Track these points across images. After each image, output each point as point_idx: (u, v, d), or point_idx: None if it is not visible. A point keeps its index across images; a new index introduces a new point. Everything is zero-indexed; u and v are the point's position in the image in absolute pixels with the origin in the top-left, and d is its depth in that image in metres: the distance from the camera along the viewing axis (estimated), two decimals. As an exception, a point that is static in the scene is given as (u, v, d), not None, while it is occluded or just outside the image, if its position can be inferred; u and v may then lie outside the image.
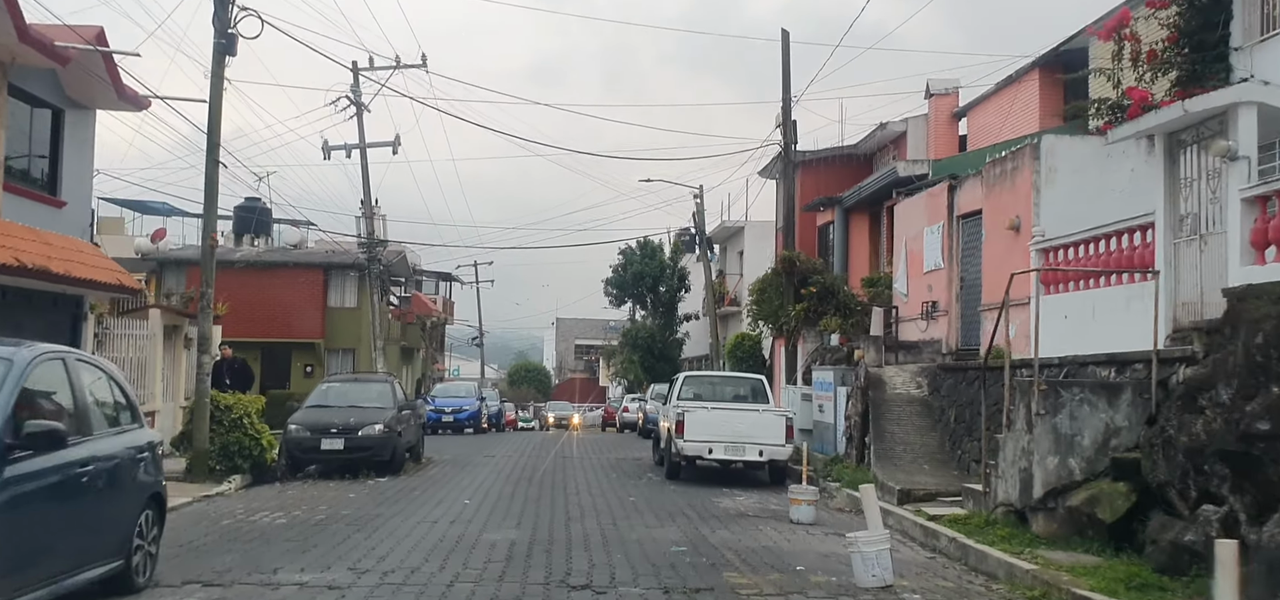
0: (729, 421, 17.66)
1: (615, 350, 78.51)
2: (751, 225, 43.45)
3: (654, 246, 47.40)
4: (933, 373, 17.30)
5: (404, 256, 42.59)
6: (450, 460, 22.01)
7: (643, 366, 47.02)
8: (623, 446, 29.13)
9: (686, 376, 20.42)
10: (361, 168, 33.57)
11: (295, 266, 38.76)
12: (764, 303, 25.12)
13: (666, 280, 46.99)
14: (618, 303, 48.15)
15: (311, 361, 38.94)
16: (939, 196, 20.34)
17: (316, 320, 38.54)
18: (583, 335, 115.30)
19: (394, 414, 18.84)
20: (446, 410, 35.33)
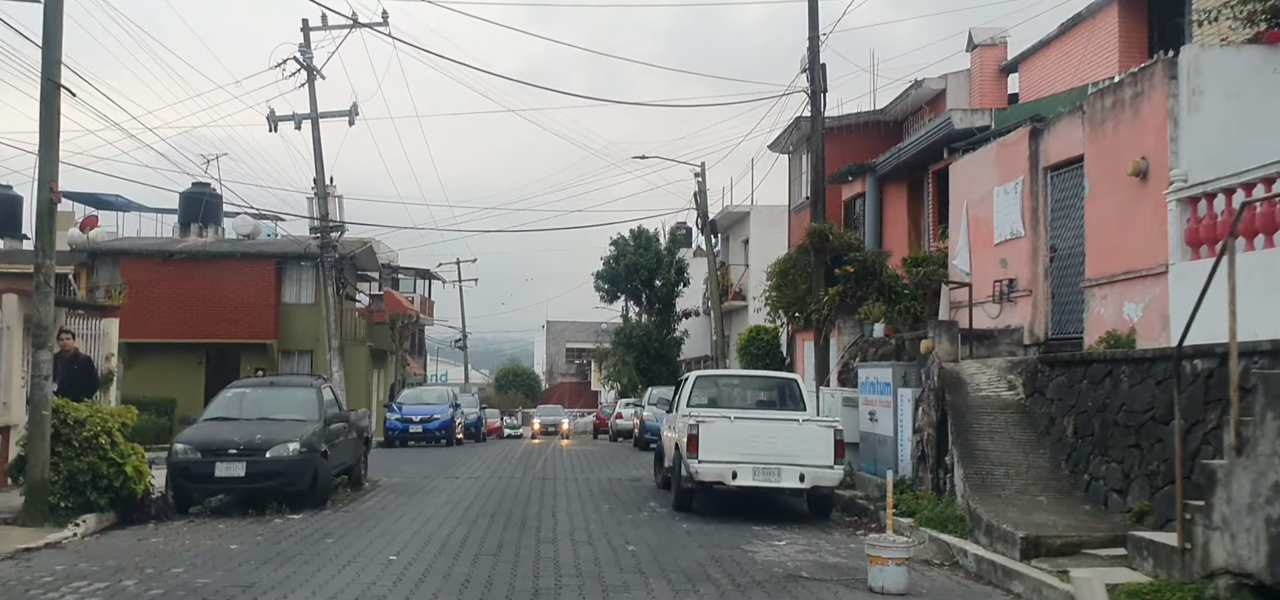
0: (758, 435, 13.31)
1: (607, 352, 74.20)
2: (758, 211, 39.15)
3: (649, 236, 43.05)
4: (1030, 369, 12.96)
5: (371, 248, 38.17)
6: (400, 484, 17.61)
7: (638, 368, 42.67)
8: (617, 461, 24.75)
9: (698, 377, 16.04)
10: (313, 140, 29.19)
11: (244, 258, 34.31)
12: (786, 288, 20.78)
13: (663, 273, 42.63)
14: (609, 298, 43.75)
15: (263, 364, 34.44)
16: (1016, 146, 16.02)
17: (268, 318, 34.10)
18: (574, 338, 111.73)
19: (318, 428, 14.45)
20: (414, 420, 30.88)
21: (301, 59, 28.69)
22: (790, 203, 31.70)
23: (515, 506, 14.53)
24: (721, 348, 31.85)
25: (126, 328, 34.72)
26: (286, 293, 34.83)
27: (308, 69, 28.84)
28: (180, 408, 32.16)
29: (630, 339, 42.04)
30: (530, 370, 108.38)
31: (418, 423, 30.92)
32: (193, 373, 34.02)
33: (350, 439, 16.38)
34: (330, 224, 29.28)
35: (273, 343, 34.03)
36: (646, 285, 42.70)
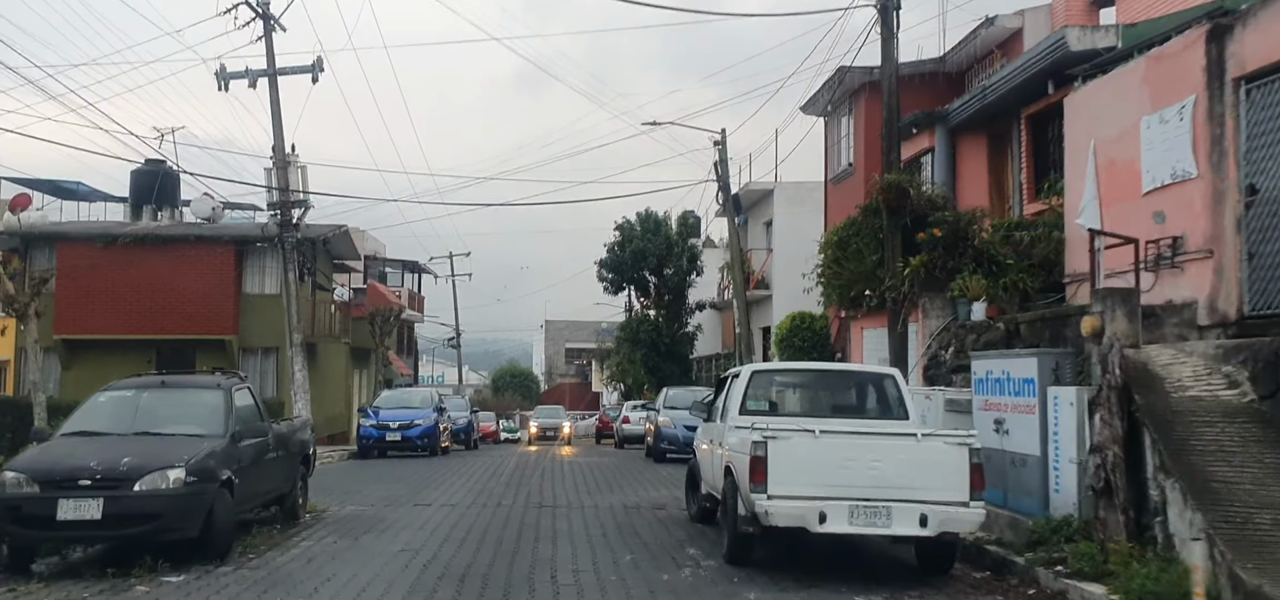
0: (856, 458, 9.02)
1: (610, 351, 69.87)
2: (783, 188, 34.86)
3: (657, 219, 38.74)
4: (1265, 357, 8.71)
5: (348, 233, 33.88)
6: (351, 518, 13.36)
7: (645, 366, 38.40)
8: (630, 476, 20.50)
9: (755, 372, 11.65)
10: (271, 100, 24.93)
11: (199, 242, 30.01)
12: (846, 262, 16.50)
13: (674, 260, 38.32)
14: (614, 288, 39.45)
15: (221, 364, 30.08)
16: (1183, 56, 11.76)
17: (227, 311, 29.83)
18: (574, 338, 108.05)
19: (218, 448, 10.23)
20: (391, 426, 26.61)
21: (255, 5, 24.44)
22: (828, 173, 27.44)
23: (498, 557, 10.27)
24: (746, 342, 27.65)
25: (64, 322, 30.76)
26: (248, 282, 30.55)
27: (263, 16, 24.59)
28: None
29: (637, 334, 37.78)
30: (528, 371, 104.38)
31: (396, 429, 26.67)
32: (140, 373, 29.69)
33: (279, 459, 12.14)
34: (291, 197, 25.02)
35: (232, 339, 29.77)
36: (655, 274, 38.40)
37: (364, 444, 26.71)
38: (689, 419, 24.22)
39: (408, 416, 27.01)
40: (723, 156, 27.48)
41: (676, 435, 23.64)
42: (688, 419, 24.10)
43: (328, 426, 34.76)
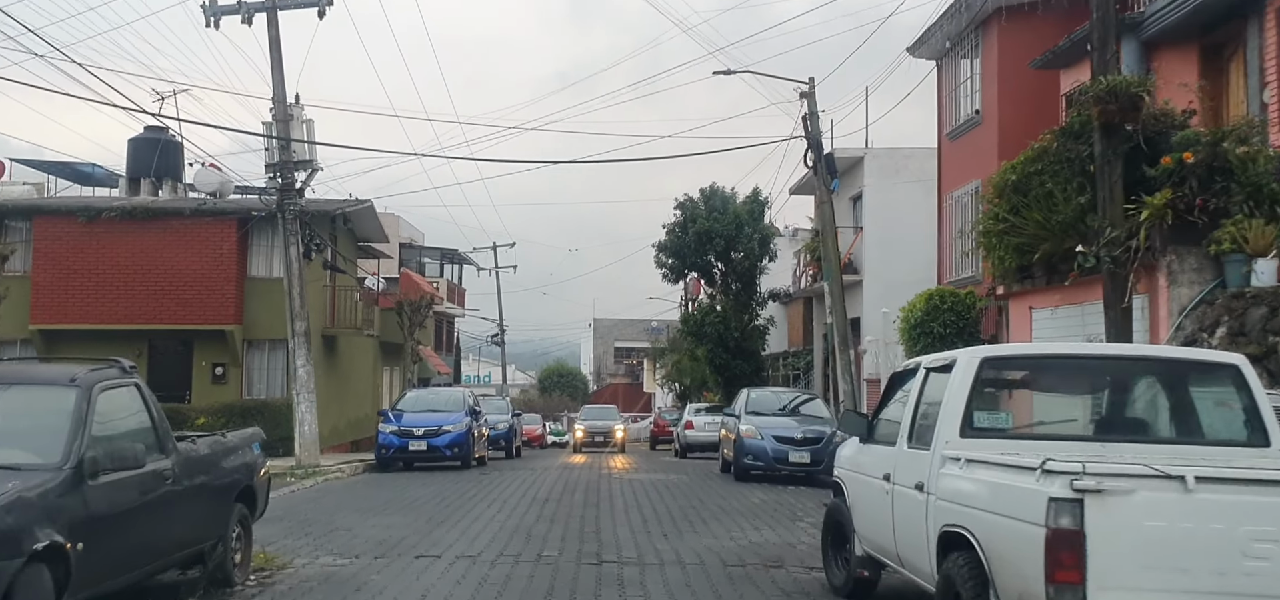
0: (1248, 529, 4.30)
1: (665, 349, 65.09)
2: (876, 156, 30.07)
3: (724, 196, 33.99)
4: None
5: (372, 211, 29.61)
6: (314, 582, 8.85)
7: (711, 364, 33.68)
8: (712, 503, 15.83)
9: (986, 358, 6.62)
10: (269, 40, 20.65)
11: (196, 218, 25.84)
12: (1030, 210, 11.66)
13: (744, 242, 33.53)
14: (674, 275, 34.77)
15: (222, 359, 26.05)
16: None
17: (229, 297, 25.64)
18: (623, 336, 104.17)
19: (38, 490, 5.77)
20: (416, 432, 22.20)
21: (249, -79, 20.17)
22: (943, 127, 22.59)
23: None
24: (842, 333, 22.88)
25: (42, 310, 26.61)
26: (254, 264, 26.35)
27: (260, -62, 20.31)
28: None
29: (702, 327, 33.05)
30: (576, 371, 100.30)
31: (420, 437, 22.24)
32: (130, 370, 25.68)
33: (191, 498, 7.66)
34: (293, 158, 20.73)
35: (234, 329, 25.57)
36: (721, 259, 33.64)
37: (383, 455, 22.34)
38: (780, 428, 19.54)
39: (435, 421, 22.57)
40: (812, 109, 22.75)
41: (764, 449, 18.97)
42: (779, 427, 19.40)
43: (351, 431, 30.52)
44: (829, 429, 19.38)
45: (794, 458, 18.81)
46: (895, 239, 29.44)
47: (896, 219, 29.53)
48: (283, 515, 13.68)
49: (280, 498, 16.04)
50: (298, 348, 20.93)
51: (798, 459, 18.81)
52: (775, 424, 19.51)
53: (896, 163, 29.98)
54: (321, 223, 27.26)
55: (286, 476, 19.76)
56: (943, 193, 22.76)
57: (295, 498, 16.25)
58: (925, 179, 29.97)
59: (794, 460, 18.81)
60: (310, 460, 20.66)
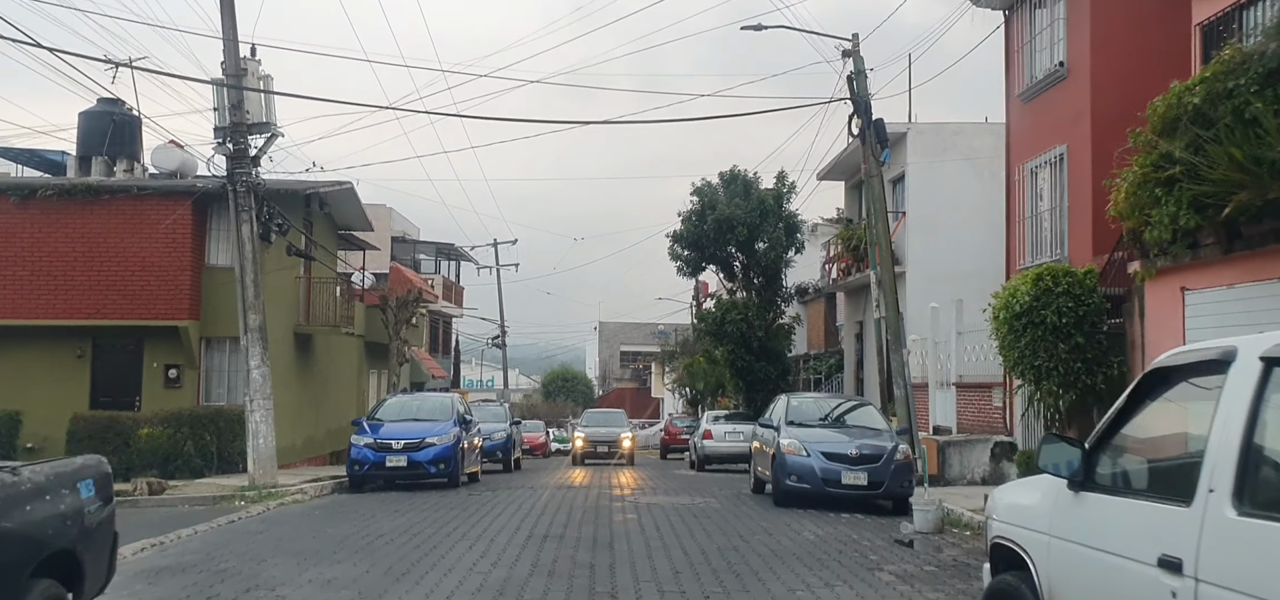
0: None
1: (675, 352, 61.82)
2: (920, 132, 26.73)
3: (747, 180, 30.64)
4: None
5: (354, 193, 26.27)
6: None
7: (732, 367, 30.30)
8: (757, 540, 12.46)
9: None
10: (217, -20, 17.34)
11: (142, 197, 22.57)
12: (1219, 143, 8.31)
13: (768, 231, 30.16)
14: (691, 268, 31.39)
15: (176, 359, 22.74)
16: None
17: (184, 289, 22.34)
18: (629, 340, 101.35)
19: None
20: (393, 446, 18.89)
21: None
22: (1011, 88, 19.22)
23: None
24: (896, 329, 19.51)
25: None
26: (214, 251, 23.06)
27: None
28: (34, 423, 20.63)
29: (722, 326, 29.65)
30: (582, 375, 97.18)
31: (399, 450, 18.93)
32: (70, 371, 22.43)
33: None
34: (246, 120, 17.44)
35: (190, 325, 22.26)
36: (743, 250, 30.27)
37: (356, 472, 19.03)
38: (829, 442, 16.11)
39: (418, 433, 19.25)
40: (858, 67, 19.43)
41: (811, 468, 15.59)
42: (827, 442, 15.99)
43: (331, 441, 27.22)
44: (888, 443, 16.02)
45: (848, 479, 15.44)
46: (942, 225, 26.13)
47: (944, 203, 26.24)
48: (197, 562, 10.37)
49: (212, 533, 12.75)
50: (251, 346, 17.64)
51: (852, 480, 15.45)
52: (823, 438, 16.15)
53: (943, 139, 26.68)
54: (292, 206, 23.98)
55: (234, 500, 16.47)
56: (1012, 164, 19.42)
57: (230, 531, 12.93)
58: (976, 157, 26.70)
59: (848, 482, 15.45)
60: (266, 479, 17.37)
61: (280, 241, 21.27)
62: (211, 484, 18.22)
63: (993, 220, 26.35)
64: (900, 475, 15.65)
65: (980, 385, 21.25)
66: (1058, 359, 11.37)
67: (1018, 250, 18.90)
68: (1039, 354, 11.53)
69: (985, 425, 20.81)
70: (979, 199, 26.45)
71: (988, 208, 26.40)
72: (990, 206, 26.40)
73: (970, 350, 22.19)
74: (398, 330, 28.36)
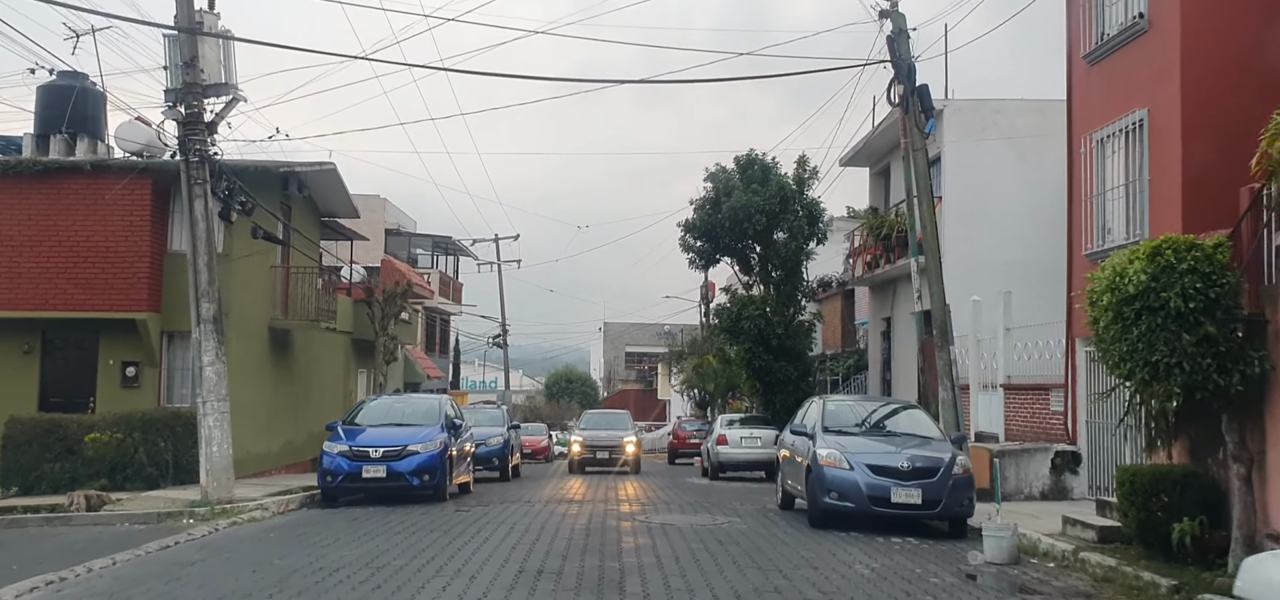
0: None
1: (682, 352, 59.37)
2: (957, 108, 24.43)
3: (765, 165, 28.31)
4: None
5: (336, 175, 23.99)
6: None
7: (749, 366, 27.97)
8: (798, 568, 10.17)
9: None
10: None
11: (98, 175, 20.31)
12: None
13: (789, 219, 27.83)
14: (704, 260, 29.04)
15: (135, 356, 20.46)
16: None
17: (142, 278, 20.06)
18: (635, 341, 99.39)
19: None
20: (371, 455, 16.60)
21: None
22: (1075, 49, 16.87)
23: None
24: (942, 323, 17.22)
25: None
26: (178, 236, 20.75)
27: None
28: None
29: (738, 322, 27.28)
30: (586, 376, 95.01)
31: (378, 460, 16.64)
32: (16, 368, 20.18)
33: None
34: (201, 81, 15.17)
35: (149, 318, 19.96)
36: (761, 239, 27.92)
37: (328, 484, 16.75)
38: (875, 453, 13.68)
39: (399, 439, 16.95)
40: (899, 26, 17.14)
41: (855, 484, 13.25)
42: (872, 452, 13.60)
43: (313, 447, 24.74)
44: (944, 454, 13.69)
45: (898, 497, 13.11)
46: (982, 211, 23.80)
47: (984, 187, 23.91)
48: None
49: (132, 565, 10.49)
50: (204, 339, 15.35)
51: (904, 498, 13.11)
52: (867, 448, 13.81)
53: (982, 118, 24.35)
54: (266, 187, 21.73)
55: (181, 517, 14.21)
56: (1075, 136, 17.06)
57: (156, 562, 10.64)
58: (1019, 136, 24.38)
59: (898, 500, 13.11)
60: (220, 493, 15.09)
61: (245, 223, 18.95)
62: (161, 498, 15.93)
63: (1037, 206, 24.02)
64: (959, 492, 13.33)
65: (1034, 387, 18.92)
66: (1181, 353, 9.02)
67: (1083, 233, 16.54)
68: (1157, 347, 9.17)
69: (1040, 432, 18.48)
70: (1022, 183, 24.13)
71: (1031, 192, 24.08)
72: (1034, 191, 24.09)
73: (1020, 347, 19.90)
74: (385, 325, 26.03)
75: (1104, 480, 16.27)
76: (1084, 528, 12.05)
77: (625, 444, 27.56)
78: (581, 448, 27.69)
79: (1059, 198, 24.12)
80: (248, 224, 19.17)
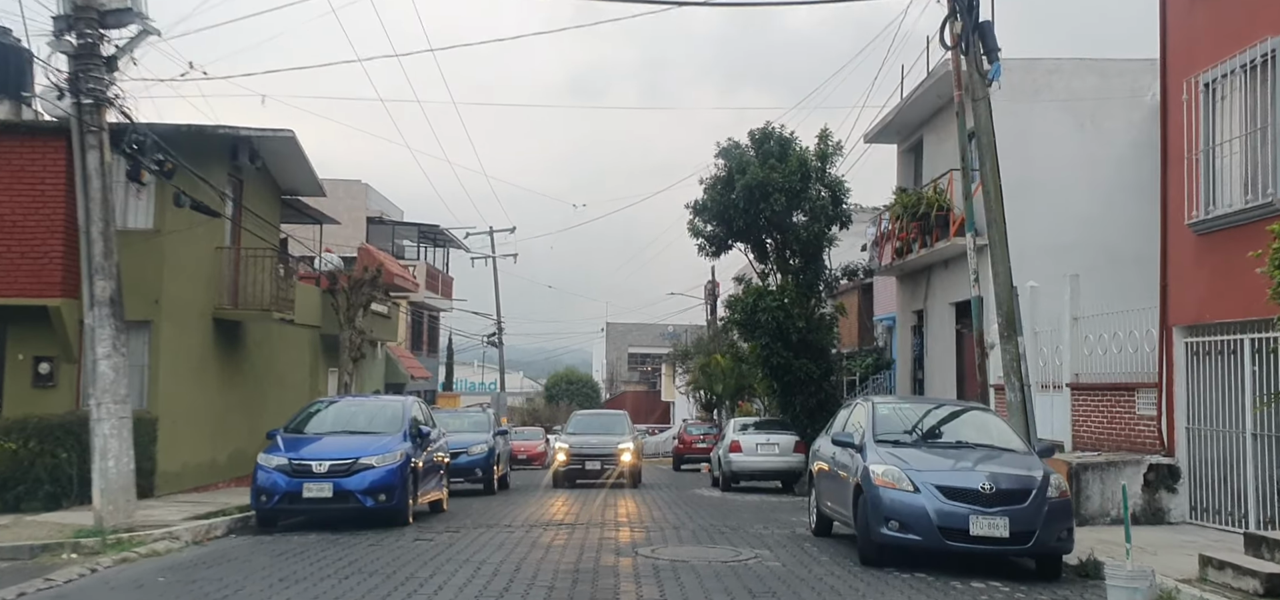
0: None
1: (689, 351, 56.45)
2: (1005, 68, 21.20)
3: (783, 139, 25.25)
4: None
5: (295, 143, 20.97)
6: None
7: (766, 365, 24.92)
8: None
9: None
10: None
11: (2, 138, 17.30)
12: None
13: (809, 199, 24.76)
14: (715, 247, 25.93)
15: (49, 349, 17.44)
16: None
17: (55, 257, 17.02)
18: (637, 341, 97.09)
19: None
20: (315, 470, 13.60)
21: None
22: None
23: None
24: (1009, 310, 14.20)
25: None
26: (102, 210, 17.65)
27: None
28: None
29: (754, 314, 24.21)
30: (588, 378, 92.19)
31: (323, 476, 13.64)
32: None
33: None
34: (98, 5, 12.16)
35: (61, 305, 16.92)
36: (779, 223, 24.87)
37: (263, 505, 13.74)
38: (946, 472, 10.16)
39: (349, 451, 13.93)
40: (957, -49, 14.14)
41: (922, 510, 10.19)
42: (942, 471, 10.28)
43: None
44: (1036, 472, 10.64)
45: (980, 529, 10.06)
46: (1034, 186, 20.74)
47: (1036, 160, 20.86)
48: None
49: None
50: (99, 326, 12.37)
51: (987, 530, 10.07)
52: (933, 463, 10.76)
53: (1034, 80, 21.32)
54: (212, 156, 18.79)
55: (63, 550, 11.23)
56: (1173, 81, 14.03)
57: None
58: (1076, 101, 21.38)
59: (979, 532, 10.07)
60: (118, 518, 12.08)
61: (156, 183, 15.94)
62: (47, 524, 12.93)
63: (1099, 181, 21.05)
64: (1056, 522, 10.28)
65: (1111, 387, 15.88)
66: None
67: (1187, 197, 13.50)
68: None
69: (1120, 440, 15.45)
70: (1080, 154, 21.15)
71: (1092, 166, 21.11)
72: (1096, 164, 21.12)
73: (1091, 340, 16.86)
74: (351, 317, 22.95)
75: (1212, 501, 13.25)
76: (1238, 573, 9.00)
77: (621, 452, 23.46)
78: (567, 456, 23.45)
79: (1124, 170, 21.15)
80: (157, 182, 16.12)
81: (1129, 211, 20.72)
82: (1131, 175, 20.32)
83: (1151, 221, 20.86)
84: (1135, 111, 21.11)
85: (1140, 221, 20.87)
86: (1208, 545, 10.51)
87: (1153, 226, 20.85)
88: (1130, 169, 20.59)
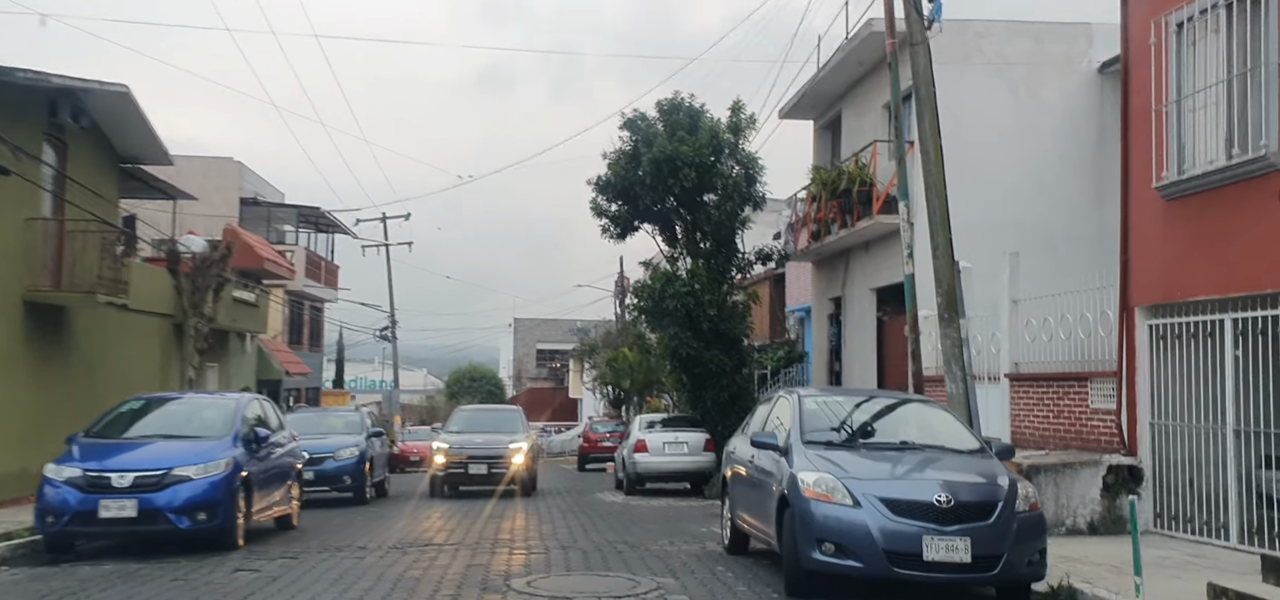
0: None
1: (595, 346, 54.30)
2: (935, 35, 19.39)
3: (694, 111, 23.10)
4: None
5: (129, 99, 18.08)
6: None
7: (675, 357, 22.77)
8: None
9: None
10: None
11: None
12: None
13: (721, 176, 22.68)
14: (619, 227, 23.63)
15: None
16: None
17: None
18: (546, 337, 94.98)
19: None
20: (116, 482, 10.94)
21: None
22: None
23: None
24: (950, 288, 12.29)
25: None
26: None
27: None
28: None
29: (661, 301, 22.01)
30: (492, 375, 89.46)
31: (126, 490, 11.00)
32: None
33: None
34: None
35: None
36: (688, 202, 22.73)
37: (49, 527, 11.05)
38: (891, 482, 7.45)
39: (159, 461, 11.32)
40: None
41: (864, 529, 8.08)
42: (886, 481, 8.05)
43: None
44: (1000, 480, 8.64)
45: (935, 552, 8.02)
46: (967, 159, 18.93)
47: (968, 129, 19.07)
48: None
49: None
50: None
51: (944, 555, 8.03)
52: (875, 471, 8.69)
53: (965, 44, 19.56)
54: (21, 109, 15.87)
55: None
56: (1136, 21, 12.26)
57: None
58: (1009, 66, 19.76)
59: (934, 557, 8.03)
60: None
61: None
62: None
63: (1034, 154, 19.44)
64: (1026, 541, 8.32)
65: (1058, 377, 14.13)
66: None
67: (1155, 156, 11.70)
68: None
69: (1069, 437, 13.70)
70: (1014, 125, 19.51)
71: (1027, 138, 19.48)
72: (1031, 135, 19.49)
73: (1033, 326, 15.12)
74: (197, 303, 20.04)
75: (1182, 507, 11.48)
76: (1263, 609, 7.10)
77: (511, 454, 20.32)
78: (447, 458, 20.26)
79: (1063, 141, 19.52)
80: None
81: (1066, 188, 19.23)
82: (1071, 147, 18.80)
83: (1089, 199, 19.50)
84: (1070, 78, 19.57)
85: (1076, 200, 19.39)
86: (1215, 567, 8.64)
87: (1090, 204, 19.47)
88: (1069, 140, 19.09)
